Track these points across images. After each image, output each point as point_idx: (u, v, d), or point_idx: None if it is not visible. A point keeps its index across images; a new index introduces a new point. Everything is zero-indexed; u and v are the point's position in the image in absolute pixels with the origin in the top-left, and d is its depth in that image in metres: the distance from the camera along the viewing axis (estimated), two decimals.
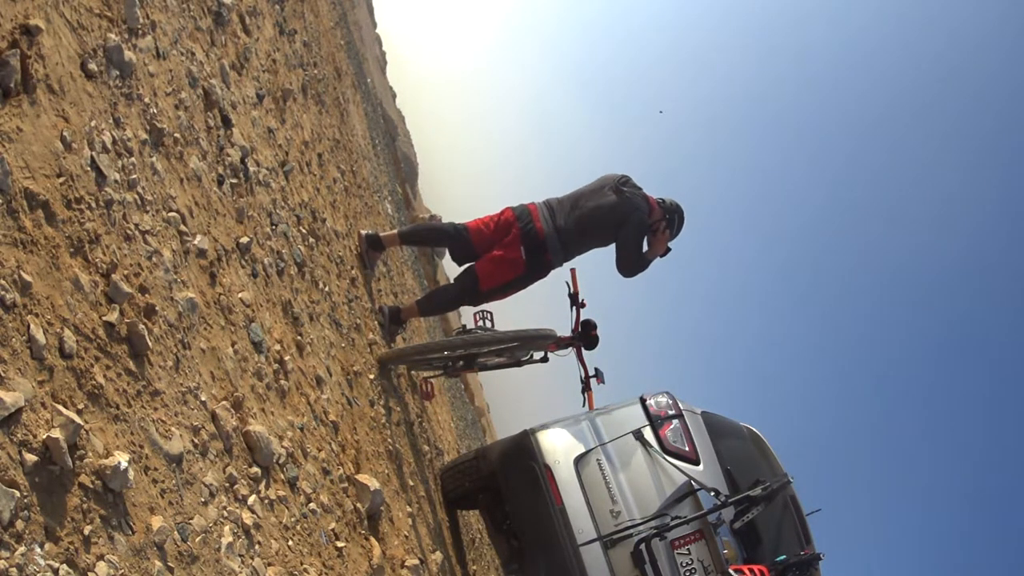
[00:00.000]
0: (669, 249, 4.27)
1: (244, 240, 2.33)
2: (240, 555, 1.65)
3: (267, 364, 2.22)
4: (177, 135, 2.03)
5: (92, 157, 1.52)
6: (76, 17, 1.60)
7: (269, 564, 1.78)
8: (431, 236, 4.35)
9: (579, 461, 3.63)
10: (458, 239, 4.11)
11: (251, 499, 1.81)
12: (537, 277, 4.11)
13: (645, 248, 4.21)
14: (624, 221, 4.06)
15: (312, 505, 2.18)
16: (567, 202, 4.12)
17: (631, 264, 4.17)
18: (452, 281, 4.29)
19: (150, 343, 1.53)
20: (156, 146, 1.88)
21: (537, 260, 4.00)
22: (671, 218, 4.20)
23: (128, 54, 1.79)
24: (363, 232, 4.37)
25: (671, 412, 3.75)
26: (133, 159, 1.71)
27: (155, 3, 2.10)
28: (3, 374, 1.12)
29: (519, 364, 4.63)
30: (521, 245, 3.96)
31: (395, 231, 4.42)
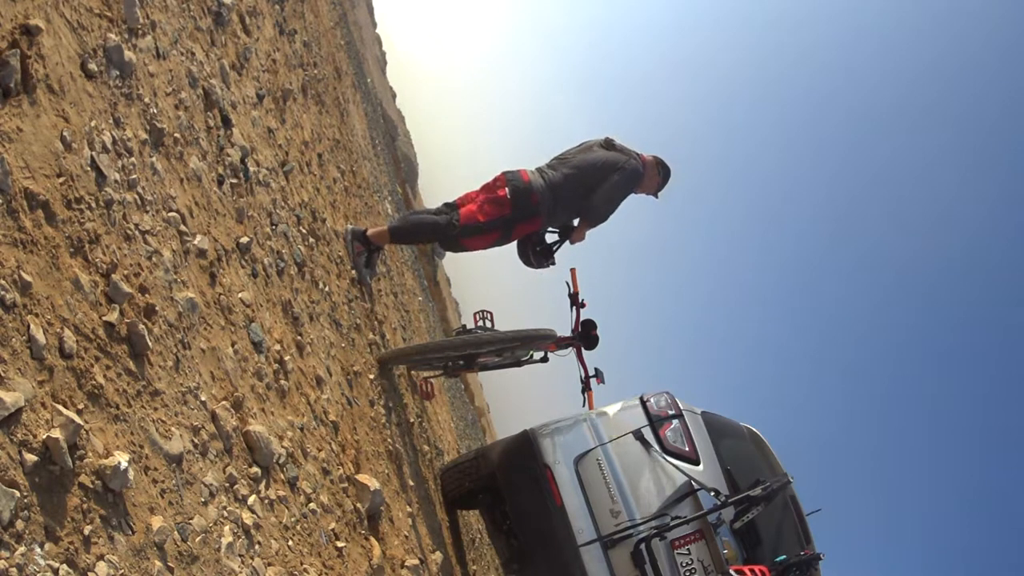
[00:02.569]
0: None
1: (244, 240, 2.33)
2: (240, 555, 1.65)
3: (267, 364, 2.22)
4: (177, 135, 2.03)
5: (92, 157, 1.52)
6: (76, 17, 1.60)
7: (269, 564, 1.78)
8: (421, 229, 4.17)
9: (579, 461, 3.63)
10: (448, 213, 3.98)
11: (251, 499, 1.81)
12: (522, 220, 3.94)
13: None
14: (618, 169, 4.04)
15: (312, 505, 2.18)
16: (554, 162, 4.11)
17: (601, 209, 4.08)
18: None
19: (150, 343, 1.53)
20: (156, 146, 1.88)
21: (523, 202, 3.89)
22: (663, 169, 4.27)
23: (128, 54, 1.79)
24: (350, 227, 4.18)
25: (671, 412, 3.75)
26: (133, 159, 1.71)
27: (155, 3, 2.10)
28: (3, 374, 1.12)
29: (519, 364, 4.63)
30: (507, 187, 3.90)
31: (384, 227, 4.19)
